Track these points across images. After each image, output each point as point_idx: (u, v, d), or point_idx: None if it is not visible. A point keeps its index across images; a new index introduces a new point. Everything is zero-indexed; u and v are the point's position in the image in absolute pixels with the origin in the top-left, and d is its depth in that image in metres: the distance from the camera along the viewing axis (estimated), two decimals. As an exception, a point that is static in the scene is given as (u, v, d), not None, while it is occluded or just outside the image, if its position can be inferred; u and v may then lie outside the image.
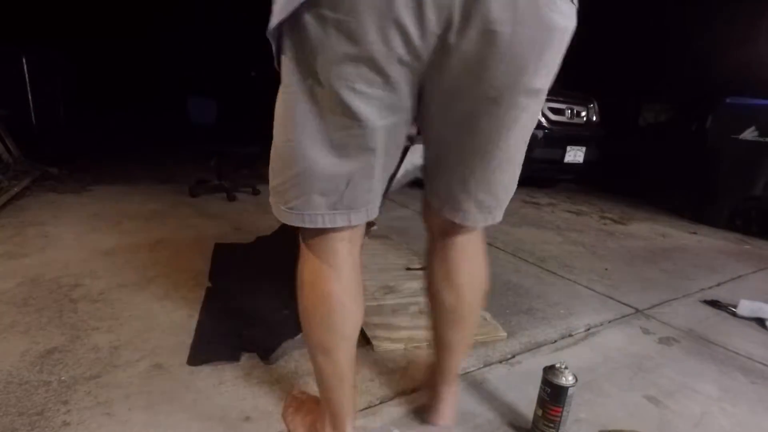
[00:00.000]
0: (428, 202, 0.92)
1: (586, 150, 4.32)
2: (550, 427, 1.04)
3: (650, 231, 3.32)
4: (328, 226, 0.80)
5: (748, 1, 4.73)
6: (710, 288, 2.21)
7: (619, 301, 1.95)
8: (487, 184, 0.81)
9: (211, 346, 1.34)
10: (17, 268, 1.80)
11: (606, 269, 2.37)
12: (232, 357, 1.29)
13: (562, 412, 1.02)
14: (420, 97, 0.75)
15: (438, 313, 1.01)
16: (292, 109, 0.73)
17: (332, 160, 0.74)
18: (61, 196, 2.96)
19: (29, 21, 5.49)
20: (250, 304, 1.53)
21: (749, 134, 3.39)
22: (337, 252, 0.84)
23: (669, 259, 2.65)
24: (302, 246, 0.87)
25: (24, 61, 4.25)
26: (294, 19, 0.66)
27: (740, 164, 3.44)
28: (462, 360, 1.10)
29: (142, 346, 1.34)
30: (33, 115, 4.39)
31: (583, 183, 4.90)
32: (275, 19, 0.69)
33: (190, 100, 3.44)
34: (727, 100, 3.60)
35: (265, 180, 0.89)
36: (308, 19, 0.65)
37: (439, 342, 1.04)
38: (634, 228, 3.38)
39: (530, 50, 0.67)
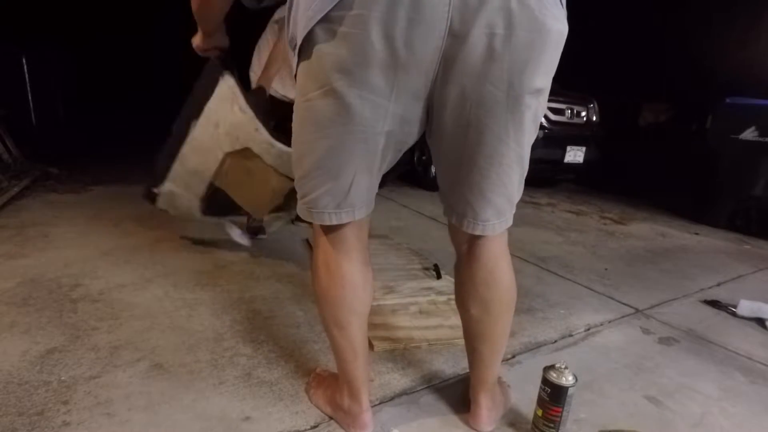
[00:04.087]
0: (449, 220, 0.96)
1: (586, 150, 4.32)
2: (550, 427, 1.04)
3: (650, 231, 3.32)
4: (335, 222, 0.89)
5: (748, 2, 4.73)
6: (710, 288, 2.21)
7: (619, 301, 1.95)
8: (502, 185, 0.85)
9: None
10: (17, 268, 1.81)
11: (606, 269, 2.37)
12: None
13: (562, 412, 1.02)
14: (430, 109, 0.79)
15: (467, 325, 1.05)
16: (310, 115, 0.81)
17: (338, 162, 0.82)
18: (61, 196, 2.96)
19: (29, 20, 5.49)
20: None
21: (749, 134, 3.38)
22: (347, 239, 0.94)
23: (669, 259, 2.65)
24: (316, 237, 0.97)
25: (24, 60, 4.25)
26: (310, 36, 0.74)
27: (740, 164, 3.43)
28: (497, 369, 1.10)
29: (142, 346, 1.34)
30: (33, 115, 4.38)
31: (583, 183, 4.90)
32: (298, 40, 0.76)
33: (190, 100, 3.43)
34: (727, 100, 3.60)
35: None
36: (320, 34, 0.72)
37: (472, 353, 1.07)
38: (634, 228, 3.38)
39: (528, 52, 0.72)
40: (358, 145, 0.80)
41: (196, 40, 1.36)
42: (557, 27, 0.73)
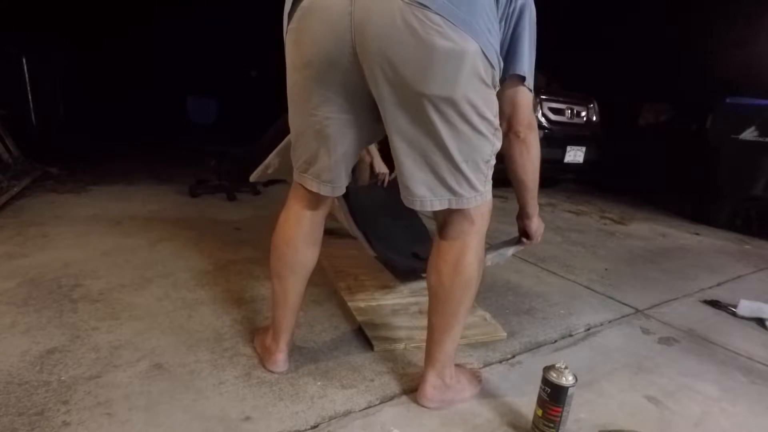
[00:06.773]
0: None
1: (586, 150, 4.32)
2: (550, 427, 1.04)
3: (650, 231, 3.32)
4: (308, 187, 1.10)
5: (748, 2, 4.73)
6: (710, 288, 2.21)
7: (619, 301, 1.95)
8: (426, 166, 0.97)
9: None
10: (17, 268, 1.80)
11: (606, 269, 2.37)
12: None
13: (562, 412, 1.02)
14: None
15: (429, 296, 1.12)
16: (289, 98, 1.06)
17: (306, 139, 1.05)
18: (61, 196, 2.95)
19: (29, 20, 5.49)
20: None
21: (749, 134, 3.38)
22: (305, 210, 1.15)
23: (669, 259, 2.65)
24: (288, 199, 1.19)
25: (24, 61, 4.25)
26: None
27: (740, 164, 3.43)
28: (447, 349, 1.13)
29: (142, 346, 1.34)
30: (33, 115, 4.38)
31: (583, 183, 4.90)
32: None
33: (190, 100, 3.44)
34: (727, 100, 3.60)
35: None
36: (288, 35, 0.98)
37: (428, 327, 1.15)
38: (634, 228, 3.38)
39: (414, 63, 0.85)
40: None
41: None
42: (447, 45, 0.83)
